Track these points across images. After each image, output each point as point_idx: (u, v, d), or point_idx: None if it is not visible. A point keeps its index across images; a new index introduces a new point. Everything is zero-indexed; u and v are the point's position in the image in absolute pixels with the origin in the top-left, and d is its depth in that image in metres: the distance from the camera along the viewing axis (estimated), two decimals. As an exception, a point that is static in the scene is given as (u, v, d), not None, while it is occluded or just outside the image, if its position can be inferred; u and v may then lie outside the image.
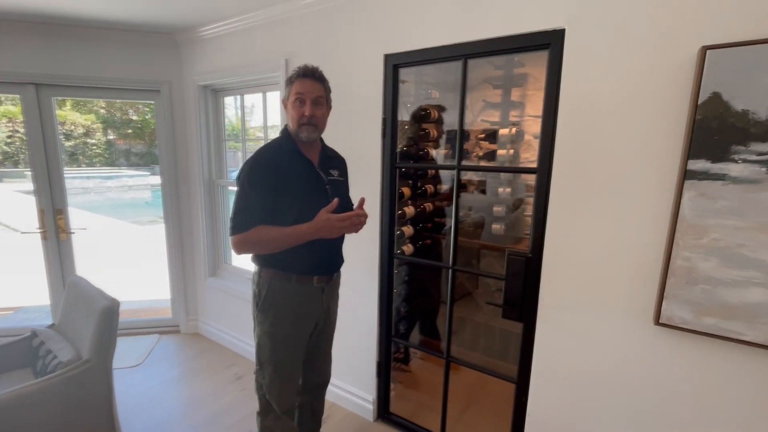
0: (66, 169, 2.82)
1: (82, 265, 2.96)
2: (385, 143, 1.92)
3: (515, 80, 2.28)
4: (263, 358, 1.47)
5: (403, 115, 2.11)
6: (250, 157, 1.39)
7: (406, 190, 2.20)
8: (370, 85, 1.90)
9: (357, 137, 1.98)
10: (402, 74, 1.87)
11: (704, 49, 1.11)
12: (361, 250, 2.05)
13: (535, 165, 1.52)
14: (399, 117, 1.92)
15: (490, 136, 2.41)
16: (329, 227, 1.34)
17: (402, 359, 2.53)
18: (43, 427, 1.49)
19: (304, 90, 1.37)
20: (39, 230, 2.78)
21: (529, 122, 2.34)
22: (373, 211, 1.98)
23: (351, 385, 2.25)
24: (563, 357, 1.50)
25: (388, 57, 1.83)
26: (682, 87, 1.17)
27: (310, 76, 1.39)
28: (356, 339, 2.16)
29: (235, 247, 1.37)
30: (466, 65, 1.64)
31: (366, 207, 1.95)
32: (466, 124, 1.72)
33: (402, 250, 2.21)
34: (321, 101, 1.41)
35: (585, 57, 1.33)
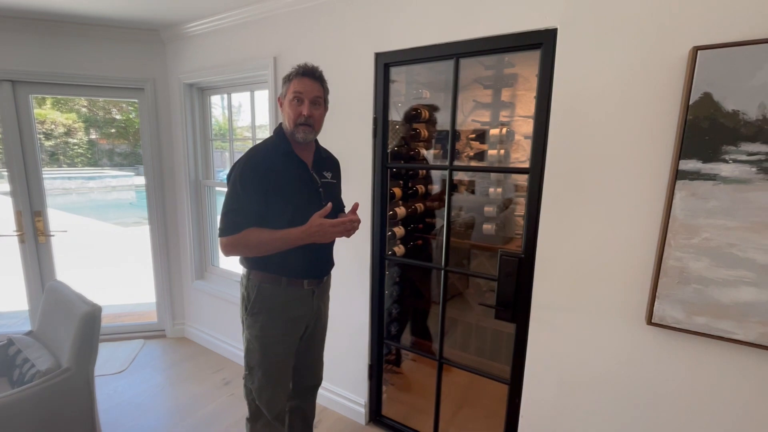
0: (46, 169, 2.72)
1: (63, 269, 2.87)
2: (376, 143, 1.89)
3: (505, 80, 2.29)
4: (252, 362, 1.43)
5: (394, 115, 2.09)
6: (242, 157, 1.35)
7: (397, 191, 2.18)
8: (360, 84, 1.87)
9: (348, 137, 1.95)
10: (392, 74, 1.85)
11: (695, 50, 1.11)
12: (353, 251, 2.02)
13: (526, 165, 1.51)
14: (390, 117, 1.90)
15: (481, 137, 2.41)
16: (322, 232, 1.32)
17: (393, 361, 2.51)
18: (19, 439, 1.43)
19: (302, 89, 1.33)
20: (16, 233, 2.68)
21: (519, 122, 2.35)
22: (365, 212, 1.95)
23: (342, 389, 2.22)
24: (556, 358, 1.49)
25: (378, 55, 1.80)
26: (674, 87, 1.18)
27: (310, 75, 1.35)
28: (347, 341, 2.13)
29: (224, 249, 1.34)
30: (458, 64, 1.62)
31: (360, 207, 1.93)
32: (457, 124, 1.70)
33: (393, 251, 2.19)
34: (319, 101, 1.38)
35: (577, 57, 1.33)
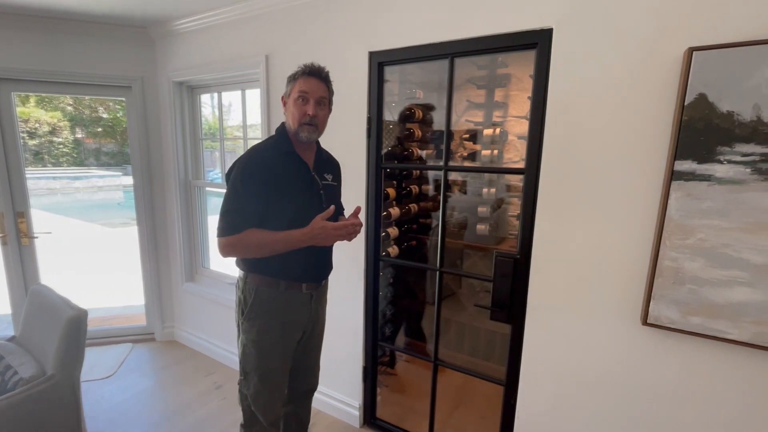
0: (30, 169, 2.64)
1: (48, 272, 2.79)
2: (370, 143, 1.87)
3: (498, 80, 2.28)
4: (248, 367, 1.40)
5: (387, 115, 2.07)
6: (242, 155, 1.31)
7: (391, 191, 2.16)
8: (354, 84, 1.85)
9: (342, 137, 1.93)
10: (386, 73, 1.83)
11: (690, 51, 1.12)
12: (347, 252, 2.00)
13: (520, 165, 1.51)
14: (383, 117, 1.88)
15: (474, 137, 2.40)
16: (324, 235, 1.30)
17: (388, 362, 2.49)
18: (1, 450, 1.38)
19: (308, 89, 1.31)
20: (-2, 235, 2.60)
21: (512, 123, 2.35)
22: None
23: (336, 391, 2.20)
24: (552, 358, 1.49)
25: (373, 54, 1.78)
26: (669, 88, 1.18)
27: (316, 75, 1.33)
28: (341, 344, 2.11)
29: (222, 250, 1.30)
30: (452, 64, 1.61)
31: (352, 208, 1.91)
32: (451, 125, 1.69)
33: (387, 252, 2.17)
34: (324, 102, 1.36)
35: (572, 57, 1.32)
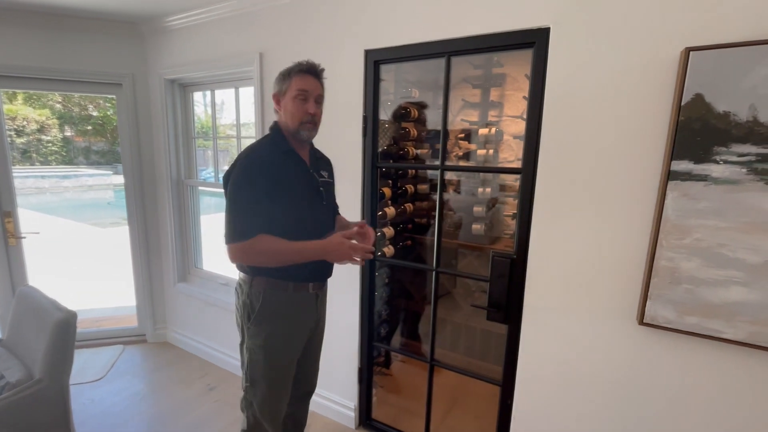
0: (17, 167, 2.58)
1: (36, 272, 2.73)
2: (365, 142, 1.86)
3: (494, 80, 2.28)
4: (256, 374, 1.35)
5: (382, 115, 2.05)
6: (241, 157, 1.27)
7: (386, 191, 2.15)
8: (350, 82, 1.83)
9: (337, 136, 1.91)
10: (382, 72, 1.81)
11: (687, 51, 1.12)
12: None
13: (516, 165, 1.50)
14: (379, 116, 1.86)
15: (469, 136, 2.40)
16: (340, 252, 1.24)
17: (383, 363, 2.48)
18: (-13, 456, 1.34)
19: (307, 87, 1.30)
20: (-16, 235, 2.54)
21: (507, 122, 2.35)
22: (355, 212, 1.91)
23: (331, 392, 2.18)
24: (549, 359, 1.49)
25: (368, 52, 1.77)
26: (666, 88, 1.18)
27: (313, 72, 1.32)
28: (337, 344, 2.09)
29: (234, 256, 1.24)
30: (449, 63, 1.60)
31: (347, 208, 1.89)
32: (447, 125, 1.67)
33: (383, 252, 2.15)
34: (320, 99, 1.35)
35: (570, 57, 1.32)
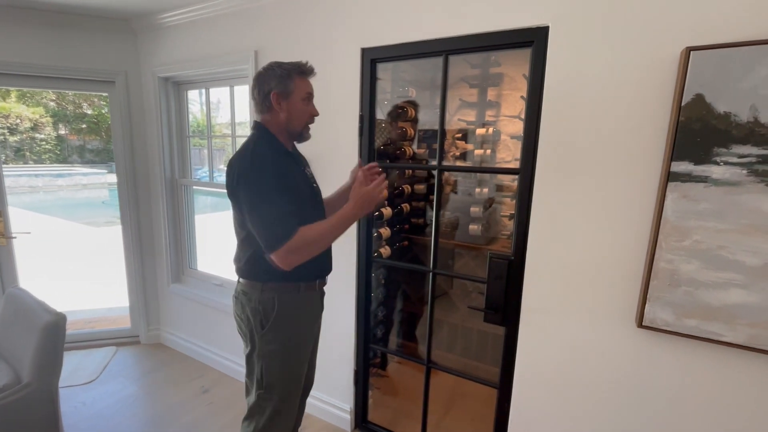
0: (10, 166, 2.54)
1: (28, 272, 2.69)
2: (362, 142, 1.83)
3: (491, 80, 2.26)
4: (272, 379, 1.32)
5: (379, 114, 2.03)
6: (246, 162, 1.21)
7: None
8: (346, 81, 1.81)
9: (333, 135, 1.89)
10: (378, 72, 1.79)
11: (688, 50, 1.10)
12: (338, 253, 1.94)
13: (512, 165, 1.49)
14: (376, 115, 1.84)
15: (466, 136, 2.38)
16: (370, 199, 1.22)
17: (380, 364, 2.46)
18: (-27, 462, 1.31)
19: (312, 90, 1.33)
20: (-27, 235, 2.49)
21: (504, 122, 2.33)
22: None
23: (327, 395, 2.16)
24: (547, 361, 1.47)
25: (365, 51, 1.74)
26: (666, 88, 1.17)
27: (311, 74, 1.33)
28: (333, 346, 2.06)
29: (284, 260, 1.17)
30: (447, 61, 1.58)
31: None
32: (445, 124, 1.65)
33: (379, 253, 2.13)
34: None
35: (569, 56, 1.30)
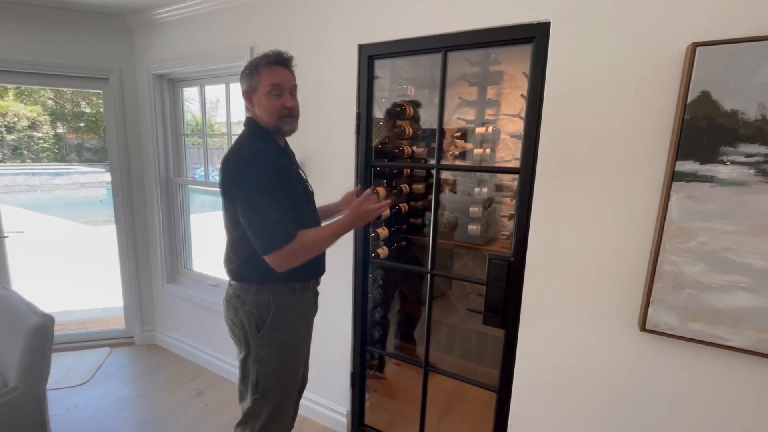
0: (8, 164, 2.50)
1: (22, 272, 2.65)
2: (359, 140, 1.80)
3: (491, 78, 2.23)
4: (269, 383, 1.28)
5: (377, 112, 1.99)
6: (240, 159, 1.17)
7: (381, 190, 2.09)
8: (343, 78, 1.77)
9: (329, 133, 1.85)
10: (376, 68, 1.75)
11: (694, 46, 1.07)
12: (334, 253, 1.91)
13: (512, 164, 1.45)
14: (373, 113, 1.80)
15: (465, 135, 2.35)
16: (366, 216, 1.25)
17: (377, 366, 2.43)
18: (-43, 468, 1.27)
19: (280, 80, 1.22)
20: (-36, 234, 2.45)
21: (504, 121, 2.30)
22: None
23: (323, 397, 2.12)
24: (547, 365, 1.44)
25: (362, 47, 1.71)
26: (671, 85, 1.13)
27: (282, 63, 1.24)
28: (329, 348, 2.03)
29: (282, 263, 1.15)
30: (446, 58, 1.54)
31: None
32: (443, 123, 1.62)
33: (377, 253, 2.10)
34: (294, 91, 1.28)
35: (571, 52, 1.27)
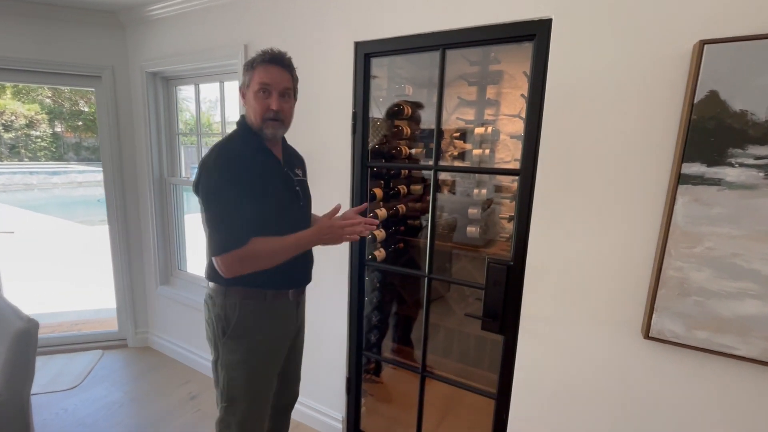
0: (5, 163, 2.46)
1: (14, 273, 2.60)
2: (355, 140, 1.75)
3: (491, 77, 2.19)
4: (235, 392, 1.24)
5: (375, 112, 1.95)
6: (210, 158, 1.14)
7: (378, 191, 2.05)
8: (339, 76, 1.73)
9: (324, 133, 1.81)
10: (373, 67, 1.71)
11: (701, 44, 1.03)
12: (330, 256, 1.87)
13: (511, 165, 1.41)
14: (371, 113, 1.76)
15: (464, 135, 2.31)
16: (332, 234, 1.20)
17: (374, 370, 2.38)
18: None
19: (270, 79, 1.16)
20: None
21: (504, 121, 2.26)
22: (346, 210, 1.81)
23: (318, 403, 2.08)
24: (547, 372, 1.40)
25: (359, 45, 1.66)
26: (677, 84, 1.09)
27: (278, 62, 1.18)
28: (324, 353, 1.99)
29: (228, 269, 1.12)
30: (444, 56, 1.50)
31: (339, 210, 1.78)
32: (441, 122, 1.58)
33: (374, 255, 2.05)
34: (289, 93, 1.22)
35: (573, 50, 1.22)
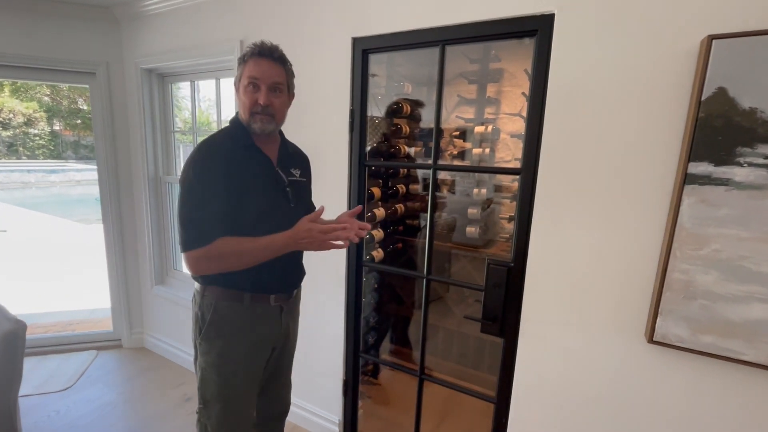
0: (3, 161, 2.42)
1: (8, 272, 2.56)
2: (352, 138, 1.72)
3: (491, 75, 2.16)
4: (208, 394, 1.22)
5: (373, 110, 1.92)
6: (193, 152, 1.12)
7: (376, 191, 2.01)
8: (336, 73, 1.69)
9: (321, 131, 1.77)
10: (372, 63, 1.67)
11: (710, 39, 0.99)
12: (326, 257, 1.83)
13: (512, 165, 1.38)
14: (369, 111, 1.72)
15: (464, 134, 2.28)
16: (311, 239, 1.10)
17: (371, 372, 2.35)
18: None
19: (259, 73, 1.13)
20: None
21: (504, 120, 2.23)
22: (340, 213, 1.78)
23: (314, 405, 2.04)
24: (548, 376, 1.36)
25: (356, 41, 1.63)
26: (684, 81, 1.06)
27: (268, 56, 1.14)
28: (321, 355, 1.95)
29: (193, 266, 1.10)
30: (443, 52, 1.47)
31: (332, 209, 1.75)
32: (441, 121, 1.54)
33: (372, 256, 2.02)
34: (280, 87, 1.17)
35: (576, 46, 1.19)
